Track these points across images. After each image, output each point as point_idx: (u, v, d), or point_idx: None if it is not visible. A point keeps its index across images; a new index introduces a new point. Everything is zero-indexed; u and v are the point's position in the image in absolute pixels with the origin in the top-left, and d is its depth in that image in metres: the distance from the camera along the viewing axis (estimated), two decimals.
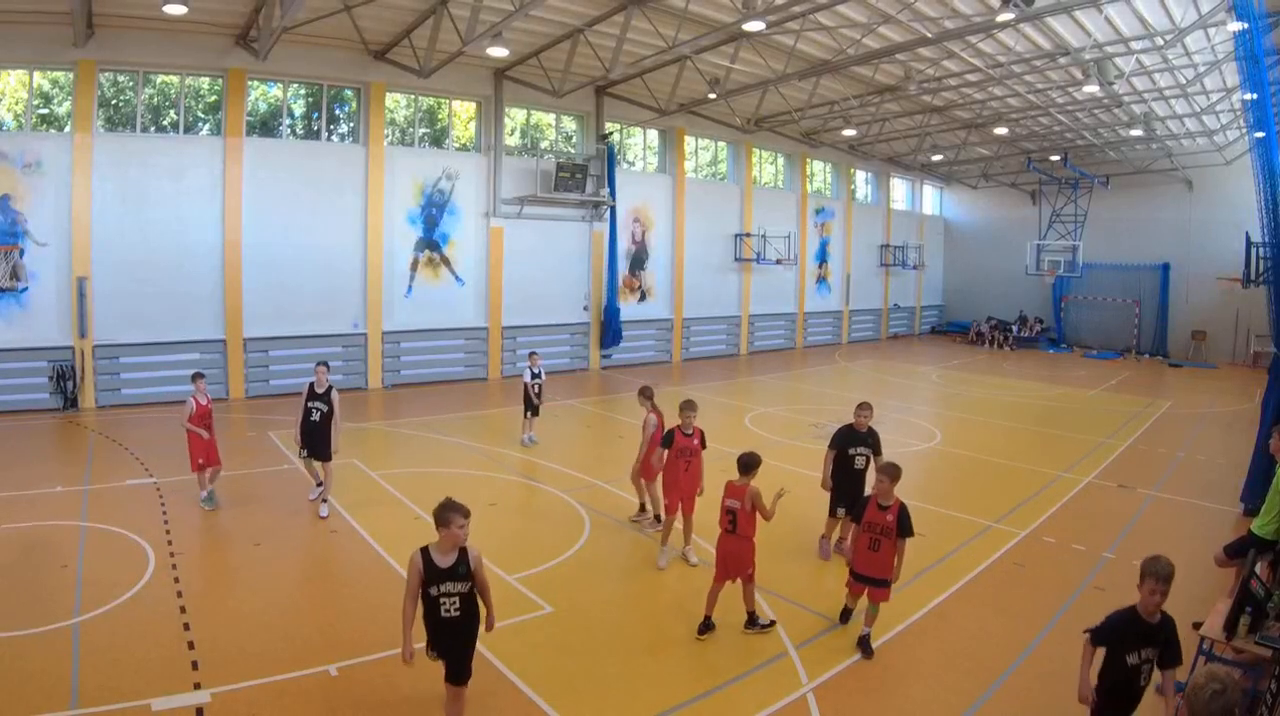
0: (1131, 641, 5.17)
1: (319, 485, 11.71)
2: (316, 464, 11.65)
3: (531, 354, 16.15)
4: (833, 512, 10.01)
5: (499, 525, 11.30)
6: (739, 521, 7.81)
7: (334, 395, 11.46)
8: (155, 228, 18.85)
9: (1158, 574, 5.08)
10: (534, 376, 15.68)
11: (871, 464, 9.61)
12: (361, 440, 15.70)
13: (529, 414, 15.87)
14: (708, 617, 7.96)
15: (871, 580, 7.62)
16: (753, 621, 8.06)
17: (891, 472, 7.64)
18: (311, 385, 11.49)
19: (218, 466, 11.59)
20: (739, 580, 7.97)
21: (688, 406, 9.95)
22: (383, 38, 20.16)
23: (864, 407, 9.94)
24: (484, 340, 24.24)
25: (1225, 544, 7.99)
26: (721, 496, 7.99)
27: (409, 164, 22.65)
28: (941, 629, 8.24)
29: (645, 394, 11.61)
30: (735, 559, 7.88)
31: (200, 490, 11.45)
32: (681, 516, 9.88)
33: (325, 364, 11.88)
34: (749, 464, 7.96)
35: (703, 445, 9.97)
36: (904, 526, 7.48)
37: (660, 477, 10.28)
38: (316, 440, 11.41)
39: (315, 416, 11.37)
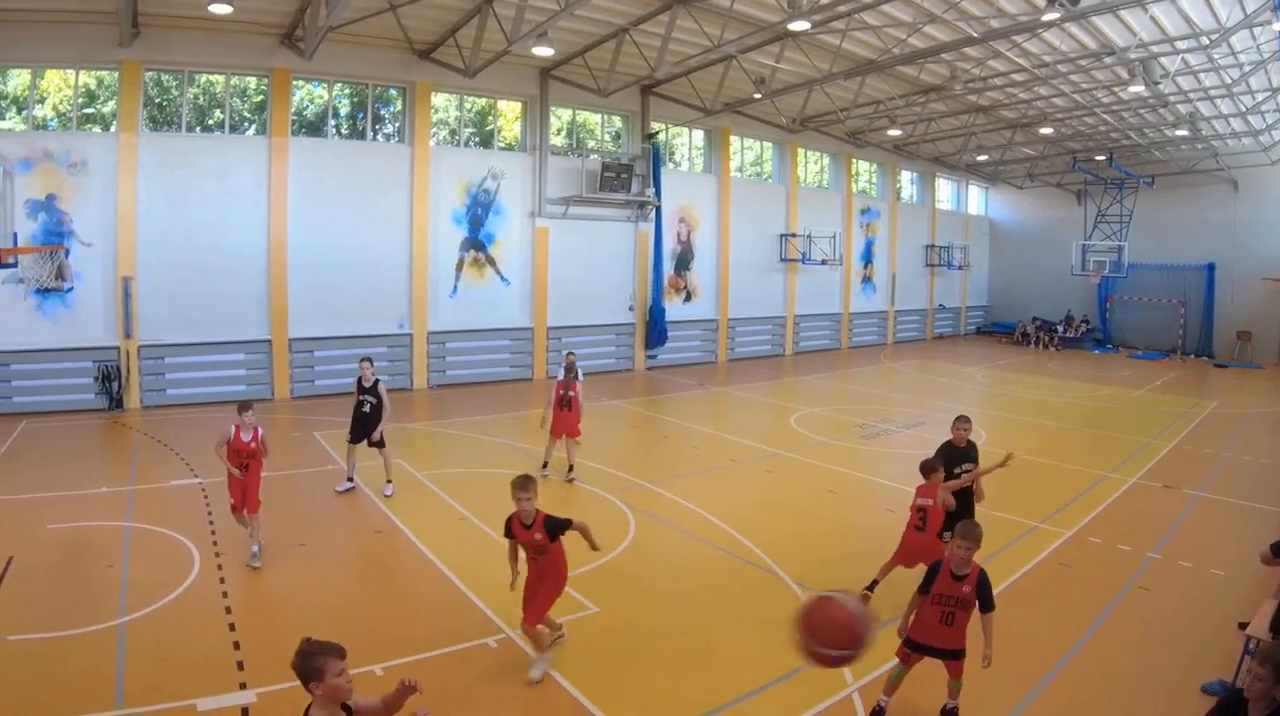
0: None
1: (350, 480, 12.33)
2: (374, 452, 12.11)
3: (568, 355, 15.96)
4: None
5: None
6: (929, 518, 8.39)
7: (381, 388, 12.10)
8: (200, 228, 18.89)
9: None
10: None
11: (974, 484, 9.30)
12: (407, 441, 15.59)
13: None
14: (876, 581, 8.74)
15: (942, 651, 6.34)
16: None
17: (975, 537, 6.23)
18: (359, 380, 12.15)
19: (254, 513, 9.52)
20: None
21: (518, 486, 6.90)
22: (428, 37, 20.12)
23: (963, 420, 9.38)
24: (529, 340, 24.10)
25: (1272, 542, 7.64)
26: (913, 497, 8.64)
27: (454, 163, 22.58)
28: None
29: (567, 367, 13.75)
30: (923, 552, 8.30)
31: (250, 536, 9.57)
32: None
33: (368, 359, 12.42)
34: (929, 467, 8.61)
35: (550, 536, 6.93)
36: (985, 599, 6.21)
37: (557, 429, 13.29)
38: (368, 430, 12.05)
39: (366, 407, 12.10)
